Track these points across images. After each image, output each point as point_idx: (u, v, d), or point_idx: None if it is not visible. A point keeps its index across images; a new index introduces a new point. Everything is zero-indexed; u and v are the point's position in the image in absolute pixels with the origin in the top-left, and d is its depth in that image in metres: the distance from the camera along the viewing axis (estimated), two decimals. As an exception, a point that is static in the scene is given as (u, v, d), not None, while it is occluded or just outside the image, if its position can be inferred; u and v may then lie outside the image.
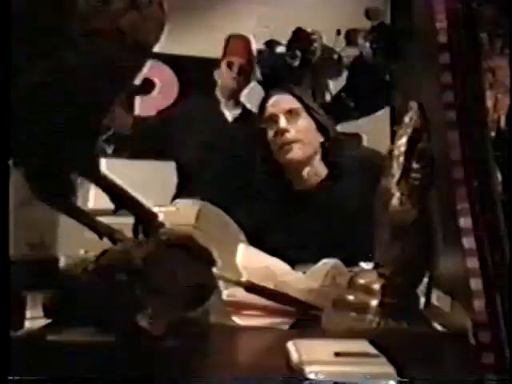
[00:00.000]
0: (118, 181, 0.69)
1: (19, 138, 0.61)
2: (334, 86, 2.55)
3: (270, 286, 1.01)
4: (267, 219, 1.52)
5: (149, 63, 0.65)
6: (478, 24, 0.74)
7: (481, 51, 0.72)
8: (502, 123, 0.79)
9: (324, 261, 1.06)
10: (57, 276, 0.67)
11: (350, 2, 2.80)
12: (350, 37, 2.77)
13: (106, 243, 0.73)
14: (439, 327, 0.80)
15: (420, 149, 0.80)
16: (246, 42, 2.24)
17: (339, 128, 1.88)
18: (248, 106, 2.19)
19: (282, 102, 1.57)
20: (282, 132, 1.51)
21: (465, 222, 0.64)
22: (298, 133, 1.53)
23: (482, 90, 0.72)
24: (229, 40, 2.24)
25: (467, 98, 0.69)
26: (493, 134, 0.89)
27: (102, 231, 0.70)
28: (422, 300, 0.83)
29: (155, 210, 1.16)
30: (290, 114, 1.54)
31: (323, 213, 1.50)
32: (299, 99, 1.58)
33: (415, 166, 0.79)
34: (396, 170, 0.82)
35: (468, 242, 0.64)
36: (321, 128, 1.57)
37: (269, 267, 1.06)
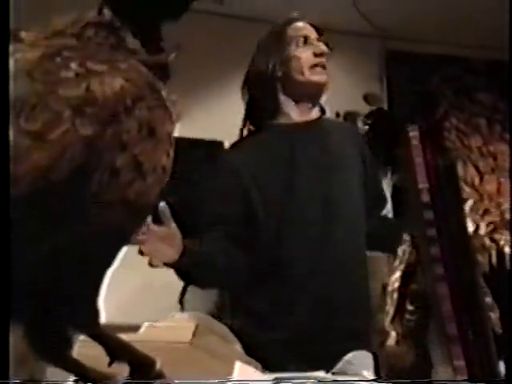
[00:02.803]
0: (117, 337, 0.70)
1: (21, 296, 0.63)
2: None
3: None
4: None
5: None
6: (456, 176, 0.77)
7: (461, 198, 0.75)
8: (494, 259, 0.80)
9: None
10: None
11: (349, 86, 2.89)
12: (349, 119, 2.85)
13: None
14: None
15: (414, 290, 0.81)
16: None
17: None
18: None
19: (311, 29, 1.53)
20: (320, 53, 1.48)
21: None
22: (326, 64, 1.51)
23: (468, 243, 0.74)
24: None
25: (453, 253, 0.71)
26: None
27: (95, 380, 0.70)
28: None
29: (151, 324, 1.16)
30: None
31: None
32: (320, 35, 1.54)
33: (409, 307, 0.80)
34: (390, 307, 0.82)
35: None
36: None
37: (265, 389, 1.05)
